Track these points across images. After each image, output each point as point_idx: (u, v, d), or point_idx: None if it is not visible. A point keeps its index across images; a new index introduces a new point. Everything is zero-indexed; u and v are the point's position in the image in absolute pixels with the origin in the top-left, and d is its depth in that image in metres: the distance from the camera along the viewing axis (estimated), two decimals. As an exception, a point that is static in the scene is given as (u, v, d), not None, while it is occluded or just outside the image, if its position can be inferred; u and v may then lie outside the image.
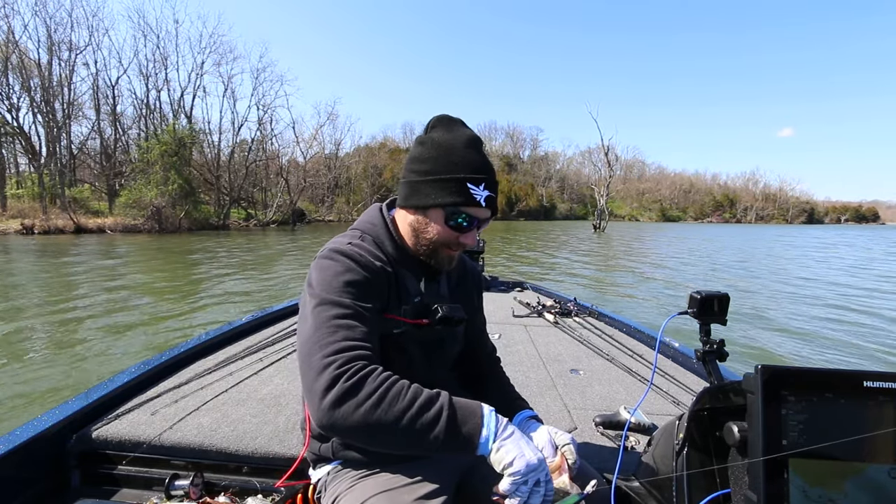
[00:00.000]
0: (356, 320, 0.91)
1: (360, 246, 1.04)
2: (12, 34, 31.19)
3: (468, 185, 0.98)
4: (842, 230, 73.28)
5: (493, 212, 1.04)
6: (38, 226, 25.80)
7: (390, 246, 1.08)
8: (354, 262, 0.98)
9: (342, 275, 0.95)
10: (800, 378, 0.70)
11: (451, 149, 1.01)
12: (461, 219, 1.00)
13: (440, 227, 1.03)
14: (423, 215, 1.04)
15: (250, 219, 41.83)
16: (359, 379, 0.82)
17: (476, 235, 1.06)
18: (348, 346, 0.86)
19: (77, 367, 4.81)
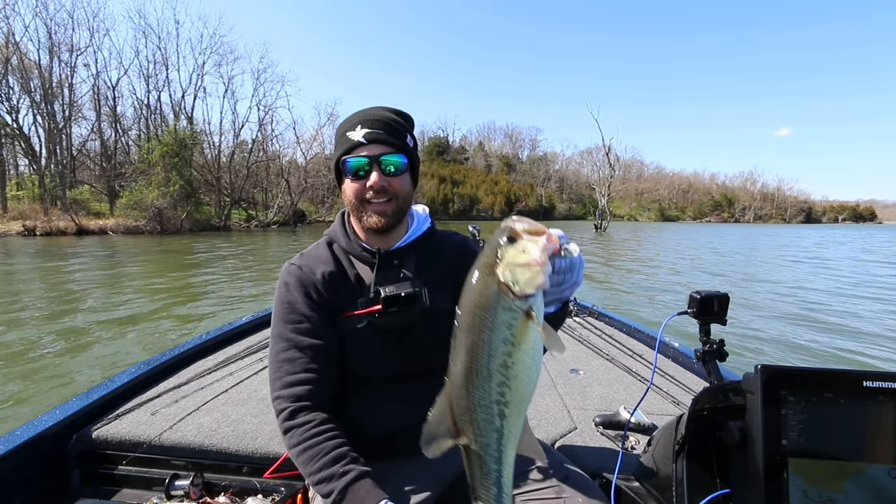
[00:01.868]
0: (297, 351, 1.04)
1: (306, 256, 1.14)
2: (13, 35, 31.29)
3: (346, 133, 1.05)
4: (841, 230, 73.25)
5: (389, 144, 1.03)
6: (39, 227, 25.84)
7: (343, 240, 1.14)
8: (294, 280, 1.09)
9: (284, 301, 1.09)
10: (800, 378, 0.71)
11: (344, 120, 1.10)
12: (350, 165, 1.04)
13: (346, 185, 1.07)
14: (340, 187, 1.10)
15: (251, 220, 41.88)
16: (286, 429, 0.99)
17: (379, 176, 1.03)
18: (288, 383, 1.02)
19: (77, 367, 4.82)
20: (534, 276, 0.62)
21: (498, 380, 0.64)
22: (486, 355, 0.63)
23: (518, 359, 0.64)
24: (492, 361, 0.63)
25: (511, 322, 0.63)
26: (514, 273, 0.63)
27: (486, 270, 0.65)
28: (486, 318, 0.63)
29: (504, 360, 0.63)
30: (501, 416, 0.65)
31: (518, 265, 0.63)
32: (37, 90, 33.08)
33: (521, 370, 0.64)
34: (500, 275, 0.64)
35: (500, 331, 0.63)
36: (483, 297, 0.64)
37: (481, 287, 0.65)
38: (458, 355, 0.66)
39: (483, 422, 0.66)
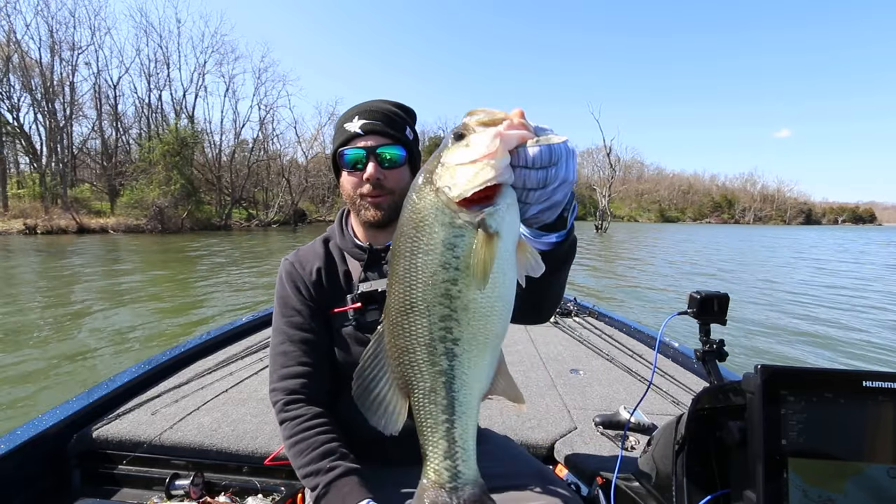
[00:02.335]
0: (291, 344, 1.05)
1: (300, 253, 1.14)
2: (14, 33, 31.29)
3: (344, 125, 1.03)
4: (841, 232, 73.17)
5: (387, 136, 1.00)
6: (40, 226, 25.85)
7: (338, 237, 1.14)
8: (286, 275, 1.10)
9: (279, 295, 1.10)
10: (799, 378, 0.71)
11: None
12: (346, 157, 1.01)
13: (343, 177, 1.05)
14: (338, 180, 1.08)
15: (252, 219, 41.87)
16: (280, 421, 1.01)
17: (375, 168, 0.99)
18: (283, 376, 1.03)
19: (78, 367, 4.82)
20: (476, 173, 0.49)
21: (440, 313, 0.53)
22: (421, 284, 0.52)
23: (466, 286, 0.51)
24: (429, 291, 0.52)
25: (453, 241, 0.51)
26: (452, 175, 0.50)
27: (422, 180, 0.54)
28: (420, 239, 0.52)
29: (447, 290, 0.52)
30: (450, 356, 0.54)
31: (459, 164, 0.51)
32: (38, 88, 33.09)
33: (473, 300, 0.52)
34: (437, 180, 0.52)
35: (436, 253, 0.51)
36: (416, 213, 0.52)
37: (415, 200, 0.53)
38: (390, 286, 0.55)
39: (424, 363, 0.55)
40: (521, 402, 0.62)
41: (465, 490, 0.60)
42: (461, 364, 0.55)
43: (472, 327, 0.54)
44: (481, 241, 0.50)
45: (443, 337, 0.54)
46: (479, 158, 0.49)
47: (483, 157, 0.49)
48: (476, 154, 0.50)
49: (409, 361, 0.56)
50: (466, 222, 0.51)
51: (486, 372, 0.58)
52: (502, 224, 0.51)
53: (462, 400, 0.57)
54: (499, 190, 0.51)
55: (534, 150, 0.53)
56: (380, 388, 0.57)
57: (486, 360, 0.57)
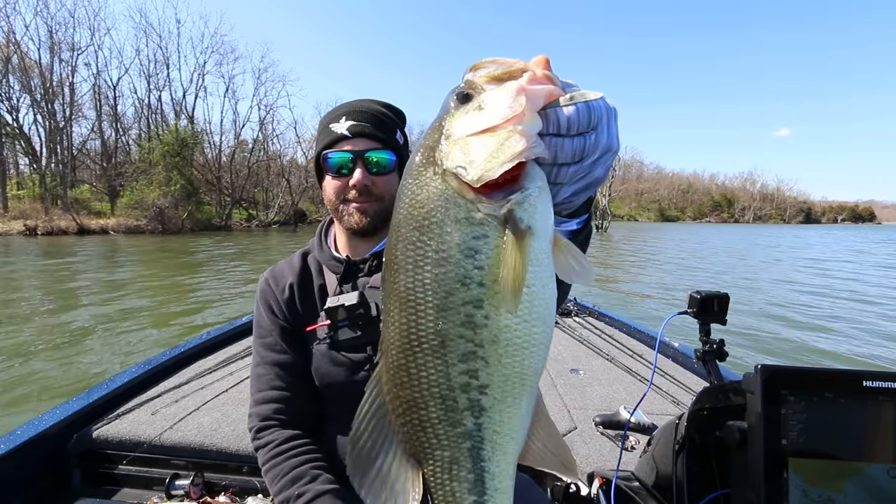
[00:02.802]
0: (264, 367, 1.01)
1: (276, 268, 1.08)
2: (13, 34, 31.31)
3: (330, 125, 0.95)
4: (839, 230, 73.13)
5: (376, 139, 0.93)
6: (40, 227, 25.85)
7: (317, 249, 1.08)
8: (260, 294, 1.06)
9: (255, 314, 1.06)
10: (799, 378, 0.70)
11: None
12: (331, 160, 0.93)
13: (326, 182, 0.97)
14: (321, 184, 1.01)
15: (252, 219, 41.89)
16: (255, 448, 0.98)
17: (363, 174, 0.91)
18: (256, 401, 1.01)
19: (78, 367, 4.82)
20: (501, 145, 0.36)
21: (460, 349, 0.38)
22: (432, 309, 0.38)
23: (497, 308, 0.37)
24: (443, 319, 0.37)
25: (473, 245, 0.37)
26: (465, 151, 0.37)
27: (421, 161, 0.40)
28: (426, 244, 0.37)
29: (468, 316, 0.37)
30: (476, 412, 0.39)
31: (473, 134, 0.37)
32: (37, 89, 33.11)
33: (504, 328, 0.38)
34: (442, 160, 0.38)
35: (452, 263, 0.37)
36: (417, 207, 0.38)
37: (413, 189, 0.39)
38: (388, 314, 0.40)
39: (441, 424, 0.40)
40: (572, 469, 0.44)
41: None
42: (492, 421, 0.40)
43: (504, 367, 0.38)
44: (511, 242, 0.36)
45: (465, 385, 0.39)
46: (502, 124, 0.36)
47: (507, 121, 0.36)
48: (496, 118, 0.36)
49: (420, 422, 0.40)
50: (488, 216, 0.37)
51: (522, 426, 0.42)
52: (535, 215, 0.37)
53: (494, 471, 0.42)
54: (525, 168, 0.37)
55: (569, 109, 0.38)
56: (381, 460, 0.41)
57: (522, 409, 0.41)
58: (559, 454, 0.44)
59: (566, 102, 0.39)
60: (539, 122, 0.37)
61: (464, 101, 0.39)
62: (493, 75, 0.38)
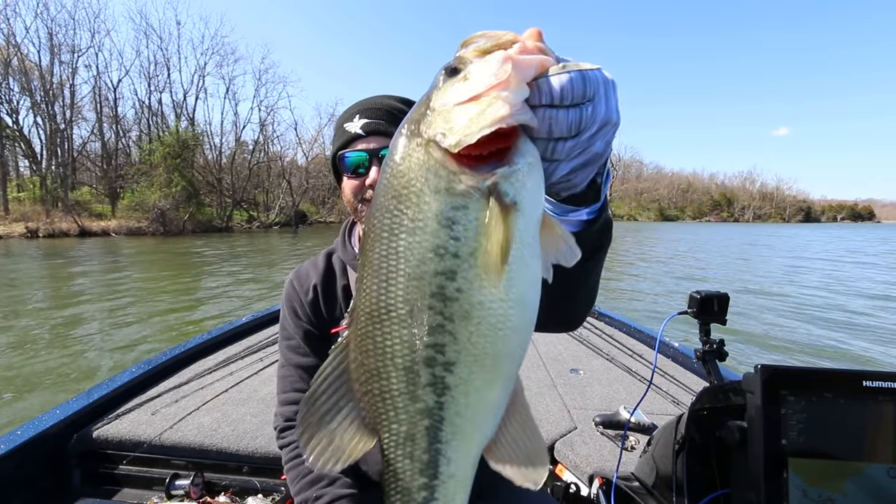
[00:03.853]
0: (289, 368, 1.04)
1: (301, 269, 1.09)
2: (13, 36, 31.35)
3: (344, 125, 0.94)
4: (837, 229, 73.09)
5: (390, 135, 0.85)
6: (42, 229, 25.87)
7: (341, 248, 1.07)
8: (285, 296, 1.07)
9: (281, 317, 1.08)
10: (799, 378, 0.70)
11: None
12: (347, 160, 0.92)
13: (345, 182, 0.95)
14: (339, 184, 0.99)
15: (253, 221, 41.94)
16: (279, 447, 1.02)
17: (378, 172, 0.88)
18: (281, 402, 1.04)
19: (78, 367, 4.82)
20: (483, 112, 0.34)
21: (428, 321, 0.36)
22: (402, 277, 0.36)
23: (469, 283, 0.35)
24: (413, 288, 0.36)
25: (451, 215, 0.35)
26: (447, 119, 0.36)
27: (406, 131, 0.39)
28: (403, 212, 0.36)
29: (440, 287, 0.35)
30: (438, 389, 0.37)
31: (457, 103, 0.36)
32: (37, 91, 33.16)
33: (479, 304, 0.36)
34: (425, 130, 0.37)
35: (427, 232, 0.36)
36: (397, 176, 0.37)
37: (396, 160, 0.38)
38: (361, 281, 0.39)
39: (400, 396, 0.38)
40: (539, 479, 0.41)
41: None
42: (454, 401, 0.38)
43: (474, 346, 0.36)
44: (495, 215, 0.35)
45: (430, 359, 0.37)
46: (485, 91, 0.35)
47: (490, 88, 0.34)
48: (480, 86, 0.35)
49: (380, 392, 0.39)
50: (471, 188, 0.35)
51: (490, 414, 0.39)
52: (522, 191, 0.36)
53: (451, 456, 0.39)
54: (515, 143, 0.36)
55: (562, 77, 0.36)
56: (335, 425, 0.39)
57: (491, 396, 0.39)
58: (532, 458, 0.40)
59: (558, 71, 0.37)
60: (526, 91, 0.35)
61: (451, 75, 0.38)
62: (483, 48, 0.37)
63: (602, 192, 0.51)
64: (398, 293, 0.37)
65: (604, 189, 0.51)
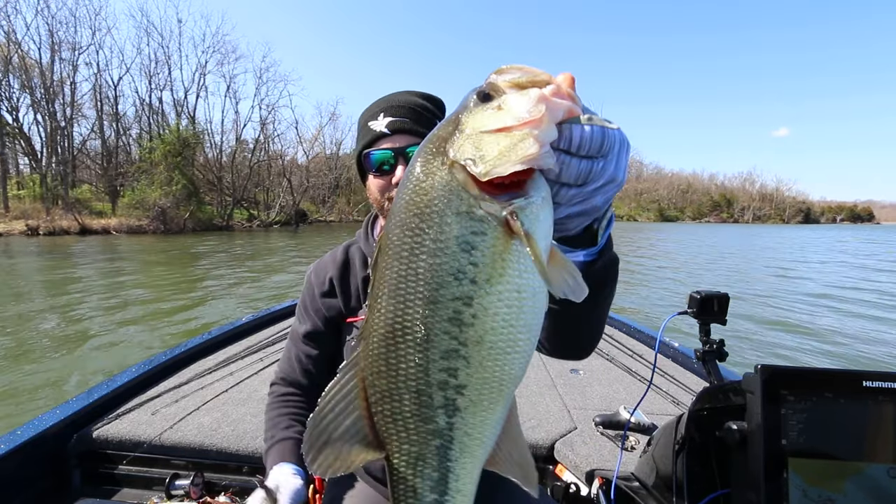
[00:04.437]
0: (294, 348, 1.09)
1: (323, 259, 1.13)
2: (14, 33, 31.31)
3: (368, 123, 0.94)
4: (839, 231, 73.05)
5: (416, 134, 0.92)
6: (42, 227, 25.87)
7: (363, 241, 1.09)
8: (307, 280, 1.11)
9: (301, 299, 1.12)
10: (799, 378, 0.70)
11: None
12: (373, 158, 0.92)
13: (370, 181, 0.95)
14: (364, 182, 1.00)
15: (253, 219, 41.93)
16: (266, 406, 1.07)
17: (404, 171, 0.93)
18: (279, 371, 1.10)
19: (79, 367, 4.83)
20: (515, 146, 0.35)
21: (444, 346, 0.37)
22: (421, 300, 0.37)
23: (484, 309, 0.36)
24: (431, 312, 0.37)
25: (472, 239, 0.36)
26: (478, 145, 0.37)
27: (431, 150, 0.39)
28: (425, 232, 0.37)
29: (457, 311, 0.36)
30: (450, 411, 0.39)
31: (488, 131, 0.37)
32: (38, 89, 33.12)
33: (490, 330, 0.37)
34: (452, 152, 0.37)
35: (448, 255, 0.36)
36: (420, 193, 0.37)
37: (419, 175, 0.38)
38: (375, 300, 0.39)
39: (412, 419, 0.40)
40: (532, 482, 0.44)
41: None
42: (464, 422, 0.39)
43: (485, 369, 0.38)
44: (507, 241, 0.36)
45: (443, 382, 0.38)
46: (519, 126, 0.35)
47: (524, 124, 0.35)
48: (514, 119, 0.36)
49: (391, 413, 0.40)
50: (490, 214, 0.36)
51: (494, 431, 0.42)
52: (535, 224, 0.36)
53: (459, 472, 0.41)
54: (533, 177, 0.37)
55: (585, 128, 0.38)
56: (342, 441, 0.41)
57: (496, 415, 0.41)
58: (522, 465, 0.44)
59: (584, 122, 0.38)
60: (554, 133, 0.37)
61: (484, 100, 0.39)
62: (517, 81, 0.38)
63: (601, 238, 0.53)
64: (416, 316, 0.37)
65: (604, 235, 0.53)
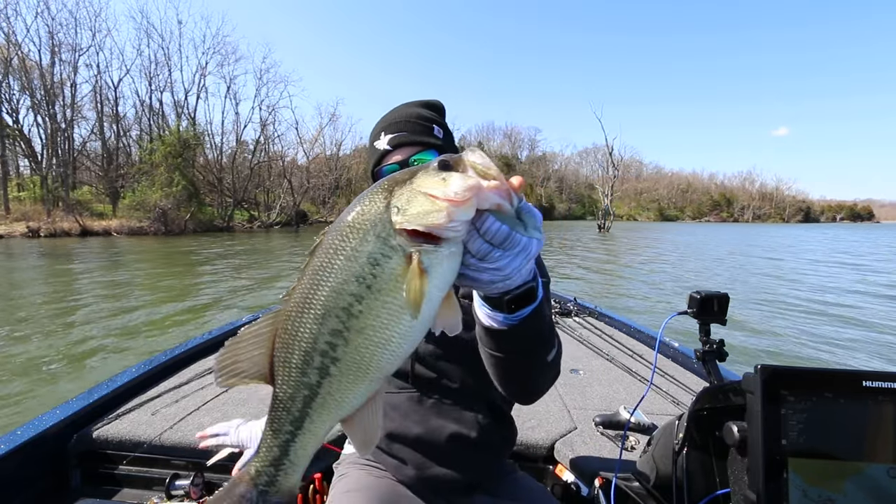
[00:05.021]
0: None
1: None
2: (13, 35, 31.33)
3: (374, 144, 1.03)
4: (838, 230, 72.98)
5: (416, 144, 1.00)
6: (43, 229, 25.88)
7: None
8: None
9: None
10: (799, 378, 0.70)
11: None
12: (382, 174, 1.01)
13: None
14: None
15: (254, 220, 41.92)
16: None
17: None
18: None
19: (79, 367, 4.83)
20: (430, 212, 0.46)
21: (332, 325, 0.49)
22: (327, 286, 0.48)
23: (370, 309, 0.48)
24: (332, 299, 0.48)
25: (378, 258, 0.47)
26: (409, 200, 0.48)
27: (385, 186, 0.50)
28: (349, 240, 0.48)
29: (349, 303, 0.48)
30: (322, 373, 0.51)
31: (422, 192, 0.47)
32: (38, 91, 33.13)
33: (370, 326, 0.48)
34: (394, 195, 0.49)
35: (356, 262, 0.48)
36: (358, 213, 0.49)
37: (367, 203, 0.50)
38: (301, 276, 0.52)
39: (294, 369, 0.52)
40: (365, 449, 0.56)
41: (274, 499, 0.57)
42: (329, 385, 0.51)
43: (358, 354, 0.49)
44: (415, 269, 0.47)
45: (324, 352, 0.50)
46: (443, 199, 0.46)
47: (447, 200, 0.46)
48: (443, 193, 0.46)
49: (283, 360, 0.52)
50: (399, 246, 0.47)
51: (352, 401, 0.53)
52: (435, 267, 0.48)
53: (314, 419, 0.53)
54: (444, 236, 0.48)
55: (492, 224, 0.49)
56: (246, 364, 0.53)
57: (357, 389, 0.52)
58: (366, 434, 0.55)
59: (499, 216, 0.49)
60: (471, 214, 0.47)
61: (441, 168, 0.49)
62: (474, 164, 0.48)
63: (517, 314, 0.64)
64: (321, 298, 0.49)
65: (520, 311, 0.64)
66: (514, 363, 0.76)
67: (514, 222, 0.51)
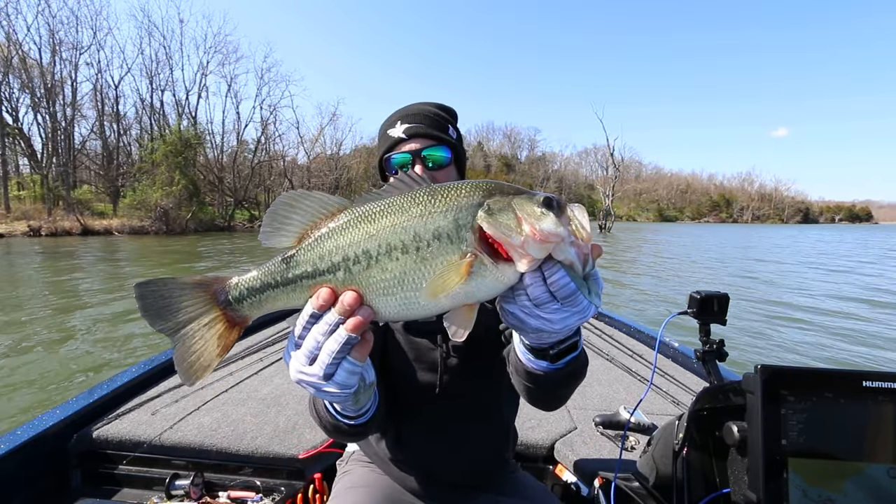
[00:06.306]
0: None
1: None
2: (14, 34, 31.29)
3: (388, 131, 1.04)
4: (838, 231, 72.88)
5: (431, 137, 1.00)
6: (44, 228, 25.88)
7: None
8: None
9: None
10: (799, 378, 0.70)
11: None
12: (393, 161, 1.01)
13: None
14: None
15: (254, 220, 41.86)
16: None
17: (422, 171, 0.99)
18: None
19: (79, 367, 4.83)
20: (511, 229, 0.51)
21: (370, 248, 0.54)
22: (390, 221, 0.53)
23: (404, 264, 0.53)
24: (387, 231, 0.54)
25: (442, 234, 0.52)
26: (502, 209, 0.52)
27: (487, 187, 0.55)
28: (432, 204, 0.53)
29: (393, 246, 0.53)
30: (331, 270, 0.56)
31: (515, 210, 0.51)
32: (38, 89, 33.09)
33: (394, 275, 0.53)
34: (492, 198, 0.53)
35: (425, 224, 0.52)
36: (456, 194, 0.54)
37: (466, 189, 0.54)
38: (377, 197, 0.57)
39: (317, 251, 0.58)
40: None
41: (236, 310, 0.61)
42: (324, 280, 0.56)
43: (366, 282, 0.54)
44: (462, 267, 0.50)
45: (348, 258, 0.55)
46: (528, 227, 0.50)
47: (531, 230, 0.49)
48: (532, 223, 0.50)
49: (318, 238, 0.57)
50: (465, 239, 0.52)
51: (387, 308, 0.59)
52: (477, 277, 0.51)
53: (295, 291, 0.59)
54: (511, 262, 0.52)
55: (562, 278, 0.51)
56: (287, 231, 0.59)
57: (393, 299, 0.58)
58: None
59: (570, 272, 0.52)
60: (542, 256, 0.50)
61: (544, 203, 0.52)
62: (573, 216, 0.52)
63: (560, 362, 0.68)
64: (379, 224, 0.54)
65: (562, 360, 0.68)
66: (551, 393, 0.81)
67: (581, 283, 0.53)
